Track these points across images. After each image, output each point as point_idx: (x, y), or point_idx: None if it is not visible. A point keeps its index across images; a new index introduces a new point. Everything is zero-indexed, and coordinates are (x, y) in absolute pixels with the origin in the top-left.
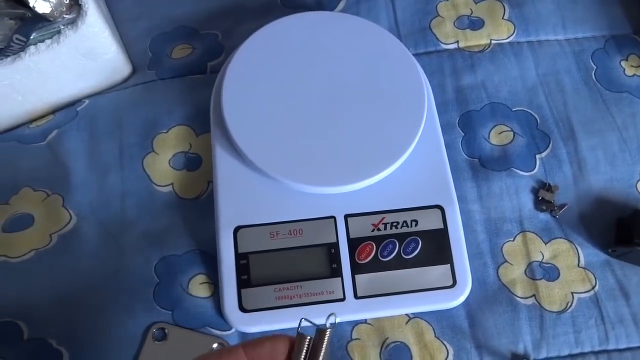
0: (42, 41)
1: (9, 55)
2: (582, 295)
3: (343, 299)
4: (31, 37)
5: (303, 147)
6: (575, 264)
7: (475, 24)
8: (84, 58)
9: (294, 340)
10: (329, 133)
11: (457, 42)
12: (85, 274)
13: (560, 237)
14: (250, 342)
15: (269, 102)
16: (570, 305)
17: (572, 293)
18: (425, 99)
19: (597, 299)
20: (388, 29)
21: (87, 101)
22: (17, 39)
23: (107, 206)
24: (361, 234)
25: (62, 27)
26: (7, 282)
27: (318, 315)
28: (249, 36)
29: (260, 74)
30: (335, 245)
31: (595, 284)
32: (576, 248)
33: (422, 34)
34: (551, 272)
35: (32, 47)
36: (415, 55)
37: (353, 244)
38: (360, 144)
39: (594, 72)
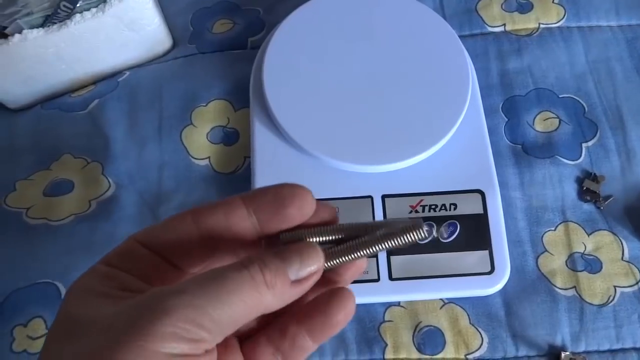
0: (88, 10)
1: (55, 23)
2: (626, 290)
3: (377, 280)
4: (77, 5)
5: (343, 124)
6: (619, 257)
7: (524, 7)
8: (127, 29)
9: (308, 192)
10: (370, 111)
11: (504, 25)
12: (122, 240)
13: (604, 229)
14: (251, 192)
15: (310, 78)
16: (612, 299)
17: (614, 287)
18: (469, 82)
19: None
20: (433, 9)
21: (128, 73)
22: (64, 6)
23: (145, 176)
24: (398, 215)
25: None
26: (47, 244)
27: None
28: (290, 12)
29: (302, 50)
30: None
31: None
32: (620, 241)
33: (467, 15)
34: (593, 264)
35: (77, 15)
36: (460, 37)
37: None
38: (401, 124)
39: None
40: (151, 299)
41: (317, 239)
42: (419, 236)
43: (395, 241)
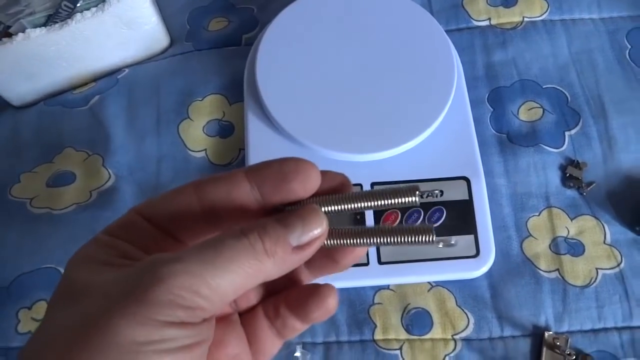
0: (88, 9)
1: (57, 22)
2: (607, 272)
3: (367, 264)
4: (78, 5)
5: (333, 115)
6: (601, 241)
7: (508, 2)
8: (126, 27)
9: (312, 166)
10: (359, 103)
11: (489, 19)
12: None
13: (587, 214)
14: (254, 165)
15: (301, 72)
16: (594, 281)
17: (596, 269)
18: (455, 73)
19: (622, 275)
20: (420, 5)
21: (127, 70)
22: (65, 5)
23: (144, 168)
24: None
25: None
26: (50, 231)
27: (343, 279)
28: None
29: (293, 45)
30: (361, 212)
31: (621, 261)
32: (603, 225)
33: (454, 10)
34: (576, 248)
35: (78, 15)
36: (446, 31)
37: (380, 210)
38: (389, 114)
39: (628, 51)
40: (147, 266)
41: (323, 208)
42: (428, 241)
43: (404, 240)
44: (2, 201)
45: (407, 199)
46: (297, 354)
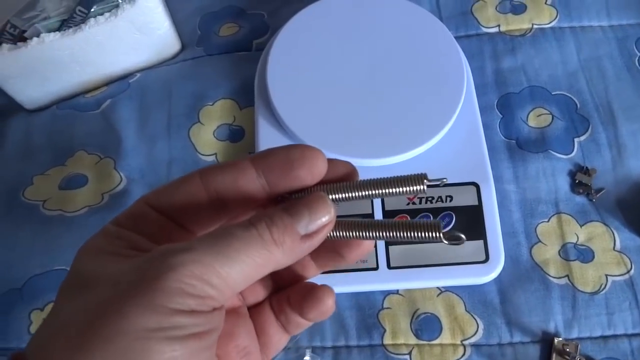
0: (102, 14)
1: (71, 27)
2: (617, 278)
3: (376, 268)
4: (92, 10)
5: (343, 120)
6: (611, 247)
7: (517, 9)
8: (139, 32)
9: (318, 154)
10: (369, 108)
11: (499, 26)
12: None
13: (597, 221)
14: (260, 153)
15: (312, 78)
16: (604, 287)
17: (606, 275)
18: (464, 79)
19: (632, 282)
20: (430, 12)
21: (138, 74)
22: (79, 10)
23: (155, 171)
24: (396, 206)
25: (121, 1)
26: (62, 233)
27: (352, 283)
28: (293, 16)
29: (304, 51)
30: (371, 216)
31: (631, 267)
32: (612, 232)
33: (463, 17)
34: (585, 254)
35: (92, 20)
36: (455, 37)
37: (388, 215)
38: (399, 119)
39: (637, 58)
40: (157, 256)
41: (330, 196)
42: (434, 237)
43: (410, 235)
44: (15, 203)
45: (414, 188)
46: (307, 358)
